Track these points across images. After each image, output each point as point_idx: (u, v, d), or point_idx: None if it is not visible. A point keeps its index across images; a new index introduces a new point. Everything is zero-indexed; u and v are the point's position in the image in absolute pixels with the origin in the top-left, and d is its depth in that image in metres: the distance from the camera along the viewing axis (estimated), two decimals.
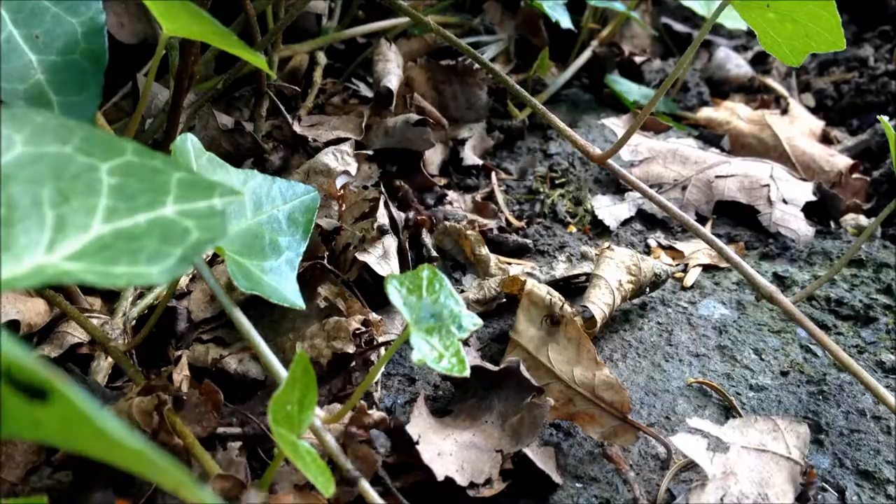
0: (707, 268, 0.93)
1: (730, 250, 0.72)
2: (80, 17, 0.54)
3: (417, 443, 0.60)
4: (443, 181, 1.05)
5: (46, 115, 0.42)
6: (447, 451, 0.61)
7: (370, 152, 0.97)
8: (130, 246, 0.38)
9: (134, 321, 0.70)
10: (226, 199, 0.43)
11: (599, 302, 0.78)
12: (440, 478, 0.58)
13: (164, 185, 0.41)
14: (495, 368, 0.68)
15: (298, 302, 0.60)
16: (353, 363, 0.69)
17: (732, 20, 1.30)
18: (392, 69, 1.09)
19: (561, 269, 0.88)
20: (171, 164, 0.43)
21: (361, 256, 0.76)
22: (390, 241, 0.80)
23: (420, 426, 0.62)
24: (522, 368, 0.66)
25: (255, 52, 0.55)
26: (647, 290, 0.84)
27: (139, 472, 0.29)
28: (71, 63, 0.53)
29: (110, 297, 0.75)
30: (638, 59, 1.44)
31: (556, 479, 0.63)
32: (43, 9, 0.53)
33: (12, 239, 0.37)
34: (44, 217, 0.38)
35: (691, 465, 0.64)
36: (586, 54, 1.35)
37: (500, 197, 1.04)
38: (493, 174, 1.08)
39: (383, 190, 0.87)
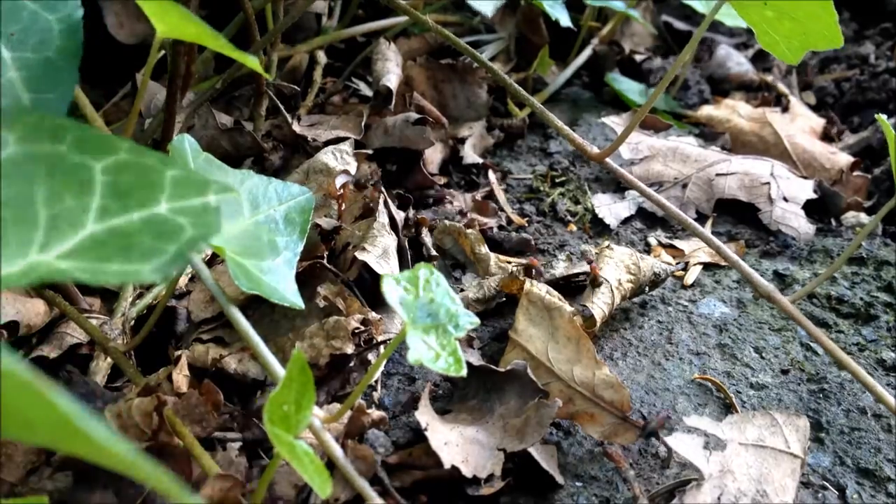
0: (707, 266, 0.93)
1: (728, 250, 0.72)
2: (57, 13, 0.54)
3: (426, 429, 0.60)
4: (443, 180, 1.05)
5: (40, 114, 0.42)
6: (453, 441, 0.61)
7: (370, 151, 0.97)
8: (124, 243, 0.38)
9: (133, 321, 0.70)
10: (220, 196, 0.43)
11: (599, 301, 0.78)
12: (447, 466, 0.58)
13: (157, 183, 0.41)
14: (501, 370, 0.68)
15: (298, 302, 0.60)
16: (352, 363, 0.69)
17: (733, 18, 1.29)
18: (391, 68, 1.09)
19: (561, 268, 0.88)
20: (165, 162, 0.43)
21: (361, 255, 0.76)
22: (390, 240, 0.80)
23: (427, 415, 0.62)
24: (528, 371, 0.66)
25: (247, 53, 0.55)
26: (647, 288, 0.84)
27: (131, 475, 0.29)
28: (45, 60, 0.53)
29: (109, 298, 0.75)
30: (638, 58, 1.44)
31: (559, 478, 0.63)
32: (20, 6, 0.53)
33: (5, 238, 0.37)
34: (37, 216, 0.38)
35: (691, 464, 0.64)
36: (586, 53, 1.34)
37: (500, 196, 1.04)
38: (491, 172, 1.08)
39: (383, 189, 0.87)
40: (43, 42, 0.53)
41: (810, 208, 1.02)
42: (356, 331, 0.69)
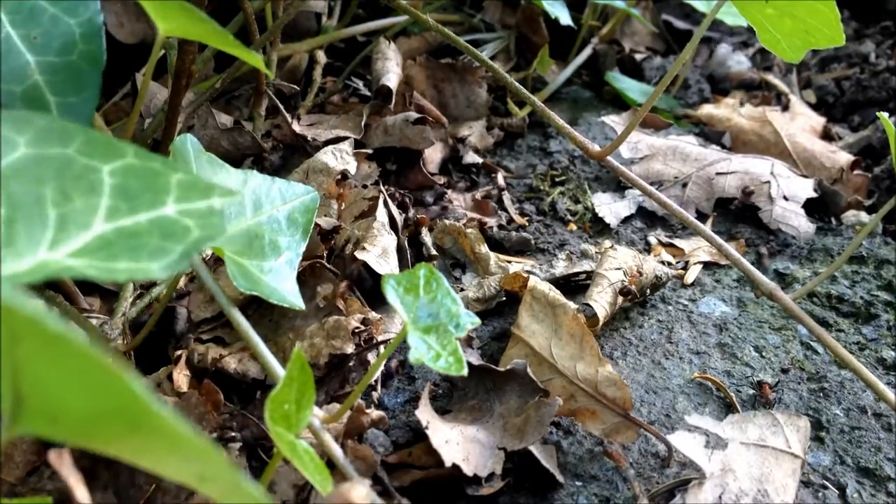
0: (708, 265, 0.93)
1: (730, 247, 0.72)
2: (78, 17, 0.54)
3: (427, 428, 0.60)
4: (442, 179, 1.04)
5: (48, 118, 0.43)
6: (454, 440, 0.61)
7: (370, 151, 0.97)
8: (132, 243, 0.39)
9: (133, 321, 0.70)
10: (224, 200, 0.44)
11: (601, 300, 0.78)
12: (448, 464, 0.58)
13: (164, 186, 0.42)
14: (501, 369, 0.68)
15: (298, 302, 0.60)
16: (352, 363, 0.69)
17: (733, 17, 1.29)
18: (391, 67, 1.09)
19: (561, 267, 0.87)
20: (171, 166, 0.43)
21: (361, 255, 0.76)
22: (389, 240, 0.80)
23: (427, 414, 0.62)
24: (529, 371, 0.66)
25: (252, 51, 0.55)
26: (648, 292, 0.84)
27: (162, 464, 0.29)
28: (69, 64, 0.53)
29: (109, 298, 0.75)
30: (638, 57, 1.44)
31: (559, 477, 0.63)
32: (41, 9, 0.53)
33: (14, 236, 0.37)
34: (46, 215, 0.38)
35: (692, 463, 0.64)
36: (587, 51, 1.34)
37: (506, 196, 1.04)
38: (500, 175, 1.07)
39: (383, 189, 0.87)
40: (65, 46, 0.53)
41: (810, 207, 1.02)
42: (356, 330, 0.69)
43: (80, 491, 0.34)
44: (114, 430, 0.27)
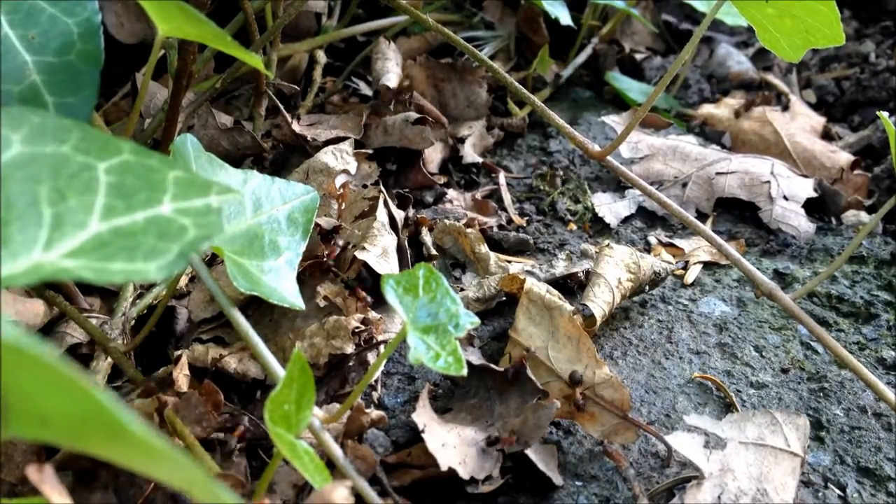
0: (708, 265, 0.93)
1: (729, 247, 0.72)
2: (76, 17, 0.54)
3: (423, 431, 0.60)
4: (442, 179, 1.05)
5: (44, 115, 0.42)
6: (451, 443, 0.61)
7: (370, 151, 0.97)
8: (128, 243, 0.38)
9: (133, 321, 0.70)
10: (222, 197, 0.43)
11: (599, 300, 0.78)
12: (444, 468, 0.58)
13: (160, 184, 0.42)
14: (501, 370, 0.67)
15: (298, 302, 0.60)
16: (352, 363, 0.69)
17: (733, 17, 1.29)
18: (391, 67, 1.09)
19: (561, 267, 0.87)
20: (168, 163, 0.43)
21: (361, 255, 0.76)
22: (389, 240, 0.80)
23: (425, 417, 0.62)
24: (529, 372, 0.66)
25: (251, 52, 0.55)
26: (647, 287, 0.84)
27: (149, 469, 0.29)
28: (67, 64, 0.53)
29: (109, 298, 0.75)
30: (639, 56, 1.44)
31: (557, 480, 0.63)
32: (39, 9, 0.53)
33: (9, 237, 0.37)
34: (41, 215, 0.38)
35: (691, 462, 0.64)
36: (587, 51, 1.34)
37: (506, 197, 1.04)
38: (501, 175, 1.07)
39: (383, 188, 0.87)
40: (63, 46, 0.53)
41: (810, 207, 1.02)
42: (356, 330, 0.69)
43: None
44: (98, 435, 0.27)
